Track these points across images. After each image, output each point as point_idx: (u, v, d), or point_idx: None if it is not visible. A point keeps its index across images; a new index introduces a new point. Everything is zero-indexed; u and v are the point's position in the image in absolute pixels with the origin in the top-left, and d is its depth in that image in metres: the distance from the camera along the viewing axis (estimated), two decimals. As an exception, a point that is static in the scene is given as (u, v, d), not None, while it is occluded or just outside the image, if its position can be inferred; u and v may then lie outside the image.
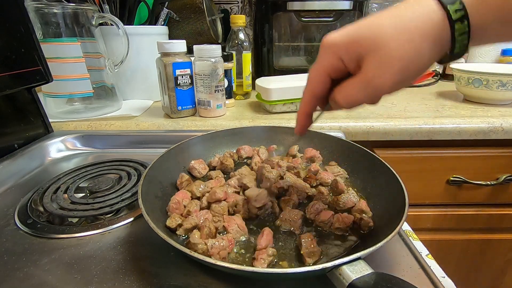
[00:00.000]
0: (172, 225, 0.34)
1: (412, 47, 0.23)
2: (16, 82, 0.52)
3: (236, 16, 0.82)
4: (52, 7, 0.62)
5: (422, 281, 0.29)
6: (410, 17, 0.23)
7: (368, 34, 0.24)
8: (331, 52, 0.26)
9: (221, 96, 0.70)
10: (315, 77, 0.28)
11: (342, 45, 0.25)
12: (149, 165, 0.40)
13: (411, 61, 0.23)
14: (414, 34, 0.23)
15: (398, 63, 0.23)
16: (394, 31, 0.23)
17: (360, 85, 0.25)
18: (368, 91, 0.25)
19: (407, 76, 0.24)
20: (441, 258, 0.48)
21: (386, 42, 0.23)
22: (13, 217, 0.39)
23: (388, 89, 0.25)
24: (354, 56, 0.25)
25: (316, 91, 0.29)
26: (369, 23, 0.24)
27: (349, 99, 0.27)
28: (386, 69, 0.23)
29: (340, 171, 0.46)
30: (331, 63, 0.27)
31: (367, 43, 0.24)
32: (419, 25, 0.23)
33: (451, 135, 0.65)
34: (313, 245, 0.31)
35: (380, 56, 0.23)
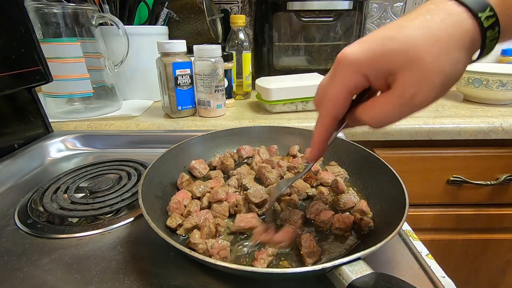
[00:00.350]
0: (172, 225, 0.34)
1: (450, 59, 0.22)
2: (16, 82, 0.52)
3: (236, 16, 0.82)
4: (52, 7, 0.62)
5: (422, 281, 0.29)
6: (441, 28, 0.22)
7: (398, 48, 0.22)
8: (354, 70, 0.24)
9: (221, 96, 0.70)
10: (337, 98, 0.25)
11: (366, 62, 0.23)
12: (150, 165, 0.40)
13: (450, 73, 0.22)
14: (449, 46, 0.21)
15: (438, 77, 0.22)
16: (427, 43, 0.21)
17: (396, 103, 0.23)
18: (405, 109, 0.23)
19: (446, 89, 0.23)
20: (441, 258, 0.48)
21: (422, 56, 0.21)
22: (13, 217, 0.39)
23: (430, 102, 0.23)
24: (382, 73, 0.23)
25: (338, 113, 0.26)
26: (396, 36, 0.22)
27: (382, 119, 0.24)
28: (427, 85, 0.22)
29: (340, 171, 0.46)
30: (354, 81, 0.24)
31: (399, 58, 0.22)
32: (452, 35, 0.21)
33: (451, 135, 0.65)
34: (313, 245, 0.31)
35: (417, 71, 0.22)
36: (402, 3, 1.17)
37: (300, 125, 0.65)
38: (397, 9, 1.18)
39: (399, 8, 1.18)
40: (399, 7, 1.18)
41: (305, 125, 0.65)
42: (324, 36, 0.89)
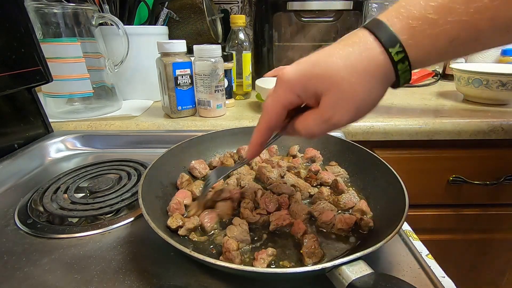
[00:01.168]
0: (173, 225, 0.34)
1: (363, 88, 0.25)
2: (16, 82, 0.52)
3: (236, 16, 0.82)
4: (52, 7, 0.62)
5: (422, 281, 0.29)
6: (359, 59, 0.24)
7: (323, 74, 0.25)
8: (288, 89, 0.27)
9: (221, 96, 0.70)
10: (272, 110, 0.29)
11: (298, 83, 0.27)
12: (150, 165, 0.40)
13: (363, 100, 0.25)
14: (364, 76, 0.24)
15: (351, 104, 0.25)
16: (346, 73, 0.25)
17: (319, 121, 0.27)
18: (325, 126, 0.27)
19: (361, 113, 0.26)
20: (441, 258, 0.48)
21: (340, 83, 0.25)
22: (13, 217, 0.39)
23: (344, 125, 0.27)
24: (311, 93, 0.27)
25: (272, 123, 0.30)
26: (323, 62, 0.26)
27: (309, 131, 0.28)
28: (342, 109, 0.26)
29: (340, 171, 0.46)
30: (289, 98, 0.28)
31: (322, 83, 0.26)
32: (367, 67, 0.24)
33: (451, 135, 0.65)
34: (314, 247, 0.31)
35: (335, 96, 0.25)
36: (402, 3, 1.17)
37: (300, 125, 0.65)
38: (397, 9, 1.18)
39: (399, 8, 1.18)
40: (399, 7, 1.18)
41: (305, 125, 0.65)
42: (324, 36, 0.89)
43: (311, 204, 0.40)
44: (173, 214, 0.36)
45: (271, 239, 0.35)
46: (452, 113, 0.70)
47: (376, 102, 0.27)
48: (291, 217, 0.36)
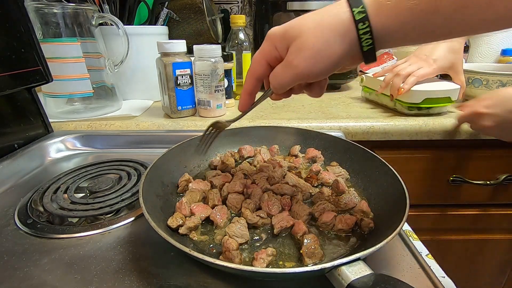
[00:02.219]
0: (173, 225, 0.34)
1: (322, 38, 0.28)
2: (16, 82, 0.52)
3: (236, 16, 0.82)
4: (52, 7, 0.62)
5: (422, 281, 0.29)
6: (326, 15, 0.28)
7: (295, 27, 0.29)
8: (269, 41, 0.32)
9: (221, 96, 0.70)
10: (255, 61, 0.33)
11: (276, 36, 0.31)
12: (151, 164, 0.40)
13: (321, 47, 0.28)
14: (325, 28, 0.28)
15: (309, 50, 0.28)
16: (311, 25, 0.28)
17: (283, 65, 0.31)
18: (288, 71, 0.30)
19: (318, 60, 0.29)
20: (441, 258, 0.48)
21: (304, 33, 0.28)
22: (13, 217, 0.39)
23: (303, 69, 0.29)
24: (284, 45, 0.30)
25: (255, 73, 0.34)
26: (298, 20, 0.30)
27: (276, 77, 0.32)
28: (301, 54, 0.29)
29: (341, 171, 0.46)
30: (268, 50, 0.32)
31: (293, 33, 0.29)
32: (331, 21, 0.28)
33: (451, 135, 0.65)
34: (315, 247, 0.31)
35: (297, 43, 0.29)
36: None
37: (300, 125, 0.65)
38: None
39: (399, 8, 1.18)
40: (399, 7, 1.18)
41: (305, 125, 0.65)
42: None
43: (311, 205, 0.40)
44: (174, 214, 0.36)
45: (271, 239, 0.35)
46: (452, 113, 0.70)
47: (335, 58, 0.28)
48: (292, 217, 0.36)
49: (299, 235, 0.33)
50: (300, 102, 0.83)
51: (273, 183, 0.43)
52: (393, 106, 0.73)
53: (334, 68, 0.29)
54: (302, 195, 0.41)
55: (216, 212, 0.37)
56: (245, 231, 0.33)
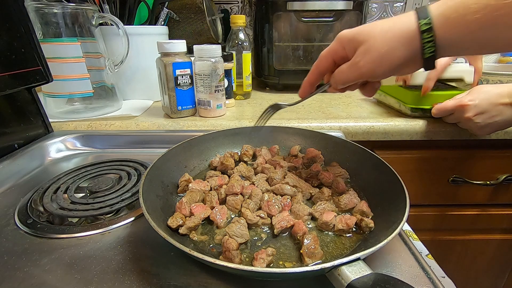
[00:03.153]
0: (173, 225, 0.34)
1: (388, 43, 0.32)
2: (16, 82, 0.52)
3: (236, 16, 0.82)
4: (52, 7, 0.62)
5: (422, 281, 0.29)
6: (394, 24, 0.32)
7: (364, 33, 0.33)
8: (338, 42, 0.36)
9: (221, 96, 0.70)
10: (323, 56, 0.38)
11: (346, 38, 0.35)
12: (151, 165, 0.40)
13: (385, 53, 0.32)
14: (392, 35, 0.32)
15: (375, 53, 0.32)
16: (380, 32, 0.32)
17: (349, 64, 0.35)
18: (353, 69, 0.34)
19: (383, 63, 0.32)
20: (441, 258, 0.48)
21: (372, 38, 0.32)
22: (13, 217, 0.39)
23: (368, 70, 0.33)
24: (352, 46, 0.34)
25: (320, 66, 0.38)
26: (368, 26, 0.34)
27: (341, 73, 0.36)
28: (367, 56, 0.33)
29: (341, 171, 0.46)
30: (336, 49, 0.36)
31: (362, 37, 0.33)
32: (398, 30, 0.31)
33: (451, 135, 0.65)
34: (315, 247, 0.31)
35: (365, 46, 0.33)
36: (402, 3, 1.17)
37: (300, 125, 0.65)
38: (397, 9, 1.18)
39: (399, 8, 1.18)
40: (399, 7, 1.18)
41: (305, 125, 0.65)
42: (324, 36, 0.89)
43: (312, 205, 0.40)
44: (174, 214, 0.36)
45: (271, 239, 0.35)
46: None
47: (398, 63, 0.32)
48: (292, 217, 0.36)
49: (299, 235, 0.33)
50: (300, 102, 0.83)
51: (273, 184, 0.43)
52: (398, 107, 0.72)
53: (395, 72, 0.33)
54: (302, 195, 0.41)
55: (216, 212, 0.37)
56: (245, 231, 0.33)
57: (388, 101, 0.77)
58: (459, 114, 0.60)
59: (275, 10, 0.85)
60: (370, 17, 1.19)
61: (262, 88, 1.02)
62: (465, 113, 0.58)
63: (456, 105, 0.59)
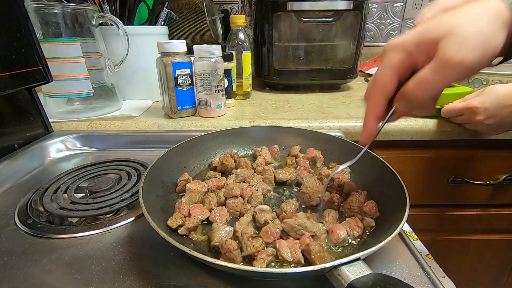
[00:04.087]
0: (173, 225, 0.34)
1: (488, 25, 0.25)
2: (16, 82, 0.52)
3: (236, 16, 0.82)
4: (52, 7, 0.62)
5: (422, 281, 0.29)
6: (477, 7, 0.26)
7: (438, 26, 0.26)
8: (399, 50, 0.27)
9: (221, 96, 0.70)
10: (384, 76, 0.28)
11: (411, 41, 0.27)
12: (151, 165, 0.40)
13: (488, 36, 0.25)
14: (485, 16, 0.25)
15: (478, 37, 0.25)
16: (465, 16, 0.25)
17: (436, 67, 0.26)
18: (446, 72, 0.25)
19: (486, 50, 0.25)
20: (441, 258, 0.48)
21: (460, 25, 0.25)
22: (13, 217, 0.39)
23: (470, 64, 0.25)
24: (424, 49, 0.26)
25: (386, 89, 0.28)
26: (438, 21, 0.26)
27: (424, 85, 0.26)
28: (467, 44, 0.25)
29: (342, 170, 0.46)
30: (400, 59, 0.27)
31: (439, 32, 0.25)
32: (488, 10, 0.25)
33: (451, 135, 0.65)
34: (321, 251, 0.30)
35: (455, 36, 0.25)
36: (402, 3, 1.17)
37: (300, 125, 0.65)
38: (397, 9, 1.18)
39: (399, 8, 1.18)
40: (399, 7, 1.18)
41: (305, 125, 0.65)
42: (324, 36, 0.89)
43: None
44: (173, 214, 0.36)
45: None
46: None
47: (498, 47, 0.26)
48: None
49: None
50: (300, 102, 0.83)
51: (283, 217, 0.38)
52: None
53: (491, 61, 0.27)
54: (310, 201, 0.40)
55: (216, 213, 0.37)
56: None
57: None
58: (469, 116, 0.59)
59: (275, 10, 0.85)
60: (370, 17, 1.19)
61: (262, 88, 1.02)
62: (475, 116, 0.57)
63: (465, 107, 0.58)
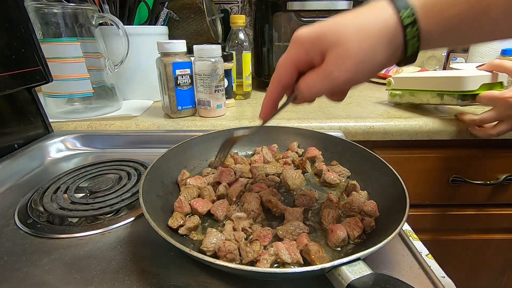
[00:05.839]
0: (173, 225, 0.34)
1: (367, 45, 0.25)
2: (16, 82, 0.52)
3: (236, 16, 0.82)
4: (52, 7, 0.62)
5: (422, 281, 0.29)
6: (369, 19, 0.26)
7: (332, 31, 0.26)
8: (299, 45, 0.28)
9: (221, 96, 0.70)
10: (283, 66, 0.30)
11: (308, 40, 0.28)
12: (151, 165, 0.40)
13: (366, 57, 0.26)
14: (370, 34, 0.25)
15: (354, 59, 0.26)
16: (353, 30, 0.26)
17: (320, 75, 0.28)
18: (326, 81, 0.27)
19: (361, 71, 0.26)
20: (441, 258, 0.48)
21: (345, 39, 0.26)
22: (13, 217, 0.39)
23: (344, 81, 0.27)
24: (318, 50, 0.27)
25: (282, 79, 0.31)
26: (334, 22, 0.27)
27: (310, 87, 0.29)
28: (343, 64, 0.26)
29: (341, 170, 0.46)
30: (298, 55, 0.29)
31: (330, 39, 0.26)
32: (376, 26, 0.25)
33: (451, 135, 0.65)
34: (321, 251, 0.31)
35: (339, 51, 0.26)
36: (402, 3, 1.17)
37: (300, 125, 0.65)
38: (397, 9, 1.18)
39: (399, 8, 1.18)
40: (399, 7, 1.18)
41: (305, 125, 0.65)
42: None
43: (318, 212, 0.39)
44: (173, 214, 0.36)
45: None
46: (452, 113, 0.70)
47: (378, 67, 0.27)
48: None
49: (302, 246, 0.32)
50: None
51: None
52: (440, 101, 0.66)
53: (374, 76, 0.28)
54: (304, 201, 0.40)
55: (217, 207, 0.37)
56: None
57: (414, 99, 0.72)
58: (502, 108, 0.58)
59: (275, 10, 0.85)
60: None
61: (262, 88, 1.02)
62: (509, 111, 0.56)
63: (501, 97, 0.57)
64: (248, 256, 0.30)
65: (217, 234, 0.33)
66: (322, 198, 0.42)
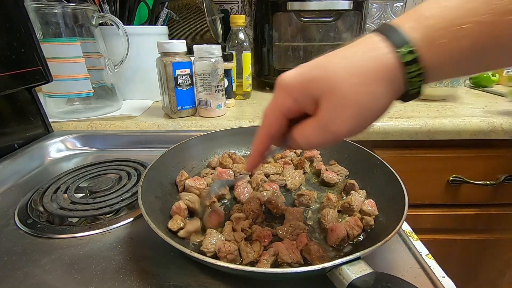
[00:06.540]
0: (173, 228, 0.34)
1: (367, 91, 0.22)
2: (16, 82, 0.52)
3: (236, 16, 0.82)
4: (52, 7, 0.62)
5: (422, 281, 0.29)
6: (363, 60, 0.22)
7: (323, 75, 0.23)
8: (286, 94, 0.25)
9: (221, 96, 0.70)
10: (271, 117, 0.27)
11: (295, 87, 0.24)
12: (149, 165, 0.40)
13: (367, 105, 0.22)
14: (367, 76, 0.22)
15: (353, 108, 0.22)
16: (347, 74, 0.22)
17: (317, 128, 0.24)
18: (325, 135, 0.24)
19: (364, 119, 0.23)
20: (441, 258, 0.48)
21: (340, 84, 0.22)
22: (13, 217, 0.39)
23: (345, 134, 0.24)
24: (310, 99, 0.24)
25: (271, 131, 0.27)
26: (323, 63, 0.23)
27: (308, 141, 0.25)
28: (341, 115, 0.23)
29: (340, 169, 0.46)
30: (286, 104, 0.25)
31: (321, 86, 0.23)
32: (372, 69, 0.22)
33: (451, 135, 0.65)
34: (321, 251, 0.31)
35: (334, 99, 0.22)
36: (402, 3, 1.17)
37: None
38: (397, 9, 1.18)
39: (399, 8, 1.18)
40: (399, 7, 1.18)
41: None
42: (324, 36, 0.89)
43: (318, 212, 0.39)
44: (173, 216, 0.36)
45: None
46: (452, 113, 0.70)
47: (381, 112, 0.23)
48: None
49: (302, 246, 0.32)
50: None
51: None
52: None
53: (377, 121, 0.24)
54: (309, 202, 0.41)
55: (241, 190, 0.38)
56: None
57: None
58: None
59: (275, 10, 0.85)
60: (370, 17, 1.19)
61: (262, 88, 1.02)
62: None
63: None
64: (248, 257, 0.30)
65: (217, 235, 0.33)
66: (321, 197, 0.42)
